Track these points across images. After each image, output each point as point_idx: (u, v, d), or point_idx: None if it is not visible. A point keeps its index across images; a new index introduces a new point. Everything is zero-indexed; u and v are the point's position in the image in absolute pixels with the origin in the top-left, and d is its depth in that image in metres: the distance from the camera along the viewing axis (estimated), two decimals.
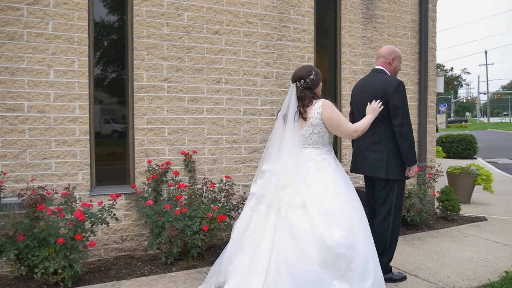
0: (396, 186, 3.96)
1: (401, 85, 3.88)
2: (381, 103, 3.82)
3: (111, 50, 5.12)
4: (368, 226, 3.44)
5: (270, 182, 3.45)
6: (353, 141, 4.28)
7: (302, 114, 3.50)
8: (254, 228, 3.43)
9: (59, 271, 3.79)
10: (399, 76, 4.56)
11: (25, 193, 3.94)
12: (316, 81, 3.63)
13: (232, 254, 3.52)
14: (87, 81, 4.60)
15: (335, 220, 3.19)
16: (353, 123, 3.74)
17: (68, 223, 3.90)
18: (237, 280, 3.30)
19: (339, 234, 3.13)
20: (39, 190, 4.04)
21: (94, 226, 4.13)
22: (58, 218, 3.94)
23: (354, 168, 4.22)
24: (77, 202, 4.26)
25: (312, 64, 5.79)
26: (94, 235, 4.27)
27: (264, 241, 3.30)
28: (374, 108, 3.80)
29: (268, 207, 3.40)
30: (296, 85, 3.58)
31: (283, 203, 3.31)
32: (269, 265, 3.22)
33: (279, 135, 3.55)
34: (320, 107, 3.48)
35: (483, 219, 6.68)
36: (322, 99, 3.54)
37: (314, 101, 3.52)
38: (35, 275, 3.78)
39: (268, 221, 3.35)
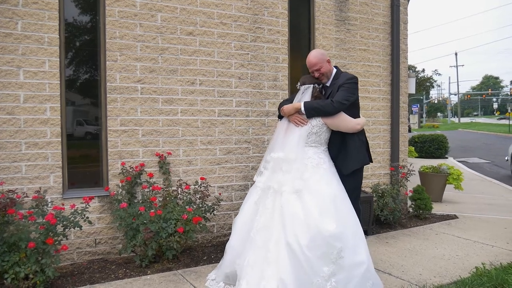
0: None
1: None
2: None
3: (83, 51, 5.04)
4: (358, 220, 3.61)
5: (274, 171, 3.68)
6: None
7: None
8: (264, 222, 3.55)
9: (31, 276, 3.72)
10: (372, 78, 4.63)
11: None
12: None
13: (239, 247, 3.65)
14: (59, 82, 4.52)
15: (327, 212, 3.38)
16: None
17: (39, 227, 3.82)
18: (256, 274, 3.38)
19: (332, 226, 3.30)
20: (9, 193, 3.94)
21: (67, 230, 4.06)
22: (29, 222, 3.85)
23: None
24: (49, 206, 4.18)
25: (286, 65, 5.83)
26: (67, 239, 4.20)
27: (274, 232, 3.45)
28: None
29: (273, 199, 3.58)
30: (315, 86, 3.86)
31: (285, 188, 3.52)
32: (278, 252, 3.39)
33: (282, 131, 3.81)
34: None
35: (454, 217, 6.84)
36: None
37: None
38: (5, 281, 3.69)
39: (275, 212, 3.52)
